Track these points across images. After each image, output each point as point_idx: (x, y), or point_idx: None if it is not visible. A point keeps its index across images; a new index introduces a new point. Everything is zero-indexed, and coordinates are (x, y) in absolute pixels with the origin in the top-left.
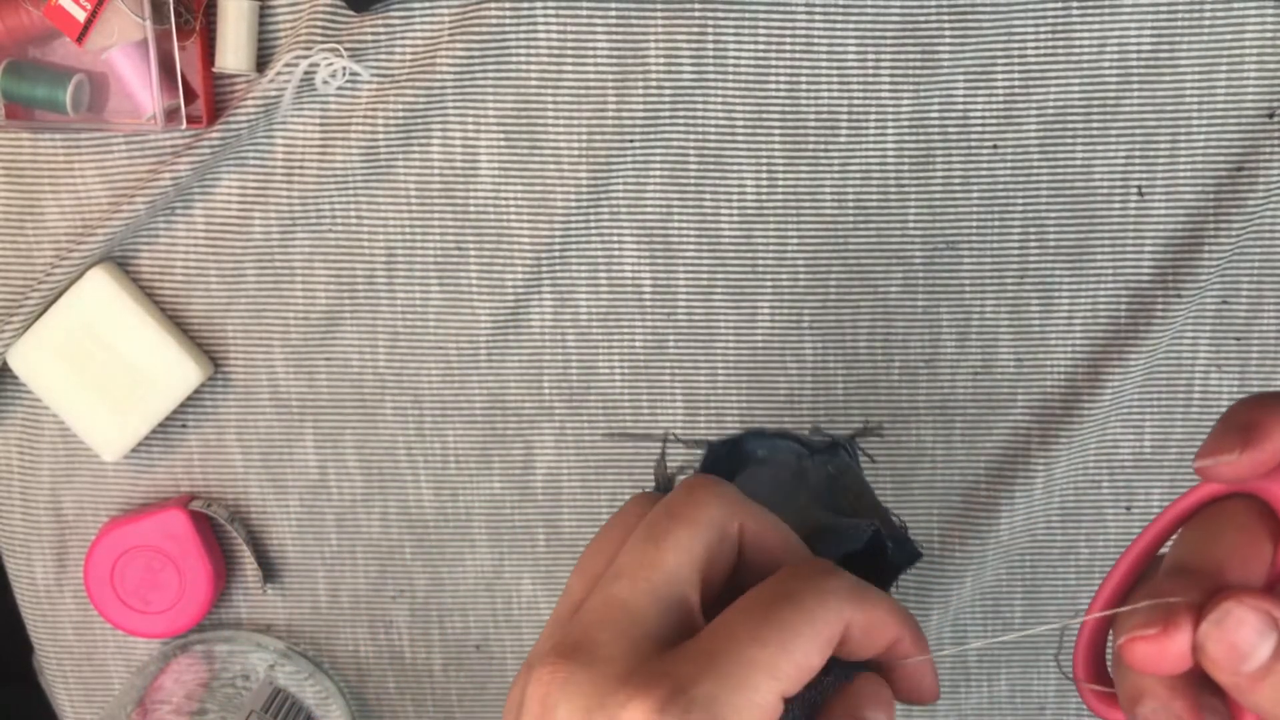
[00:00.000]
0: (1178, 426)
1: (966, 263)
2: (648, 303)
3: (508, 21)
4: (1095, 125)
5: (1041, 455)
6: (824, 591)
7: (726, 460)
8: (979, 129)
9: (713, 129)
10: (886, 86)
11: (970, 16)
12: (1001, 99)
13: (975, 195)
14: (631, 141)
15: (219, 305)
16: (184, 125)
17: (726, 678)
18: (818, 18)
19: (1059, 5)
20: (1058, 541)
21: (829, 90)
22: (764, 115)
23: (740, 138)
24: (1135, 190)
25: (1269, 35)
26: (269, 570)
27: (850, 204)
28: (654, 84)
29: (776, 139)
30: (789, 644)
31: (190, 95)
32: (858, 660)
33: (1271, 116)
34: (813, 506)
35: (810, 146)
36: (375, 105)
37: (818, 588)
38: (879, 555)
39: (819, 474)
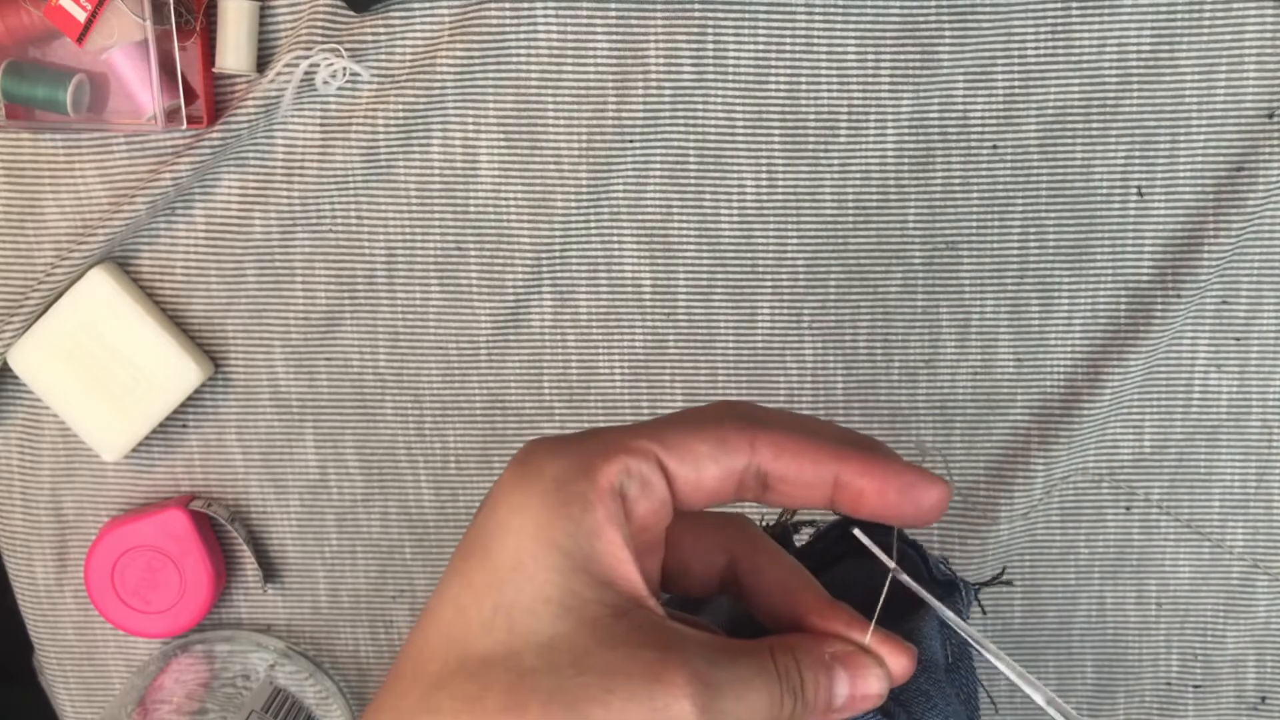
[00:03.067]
0: (1177, 426)
1: (966, 263)
2: (648, 303)
3: (508, 22)
4: (1095, 125)
5: (1041, 455)
6: (725, 405)
7: (841, 541)
8: (979, 129)
9: (713, 129)
10: (886, 87)
11: (970, 17)
12: (1001, 99)
13: (975, 195)
14: (631, 141)
15: (219, 305)
16: (184, 125)
17: (611, 429)
18: (818, 18)
19: (1059, 6)
20: (1057, 541)
21: (829, 90)
22: (764, 115)
23: (740, 138)
24: (1135, 190)
25: (1269, 35)
26: (269, 570)
27: (850, 204)
28: (654, 84)
29: (776, 139)
30: (676, 422)
31: (190, 95)
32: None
33: (1271, 116)
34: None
35: (810, 147)
36: (375, 105)
37: (724, 404)
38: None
39: (927, 611)
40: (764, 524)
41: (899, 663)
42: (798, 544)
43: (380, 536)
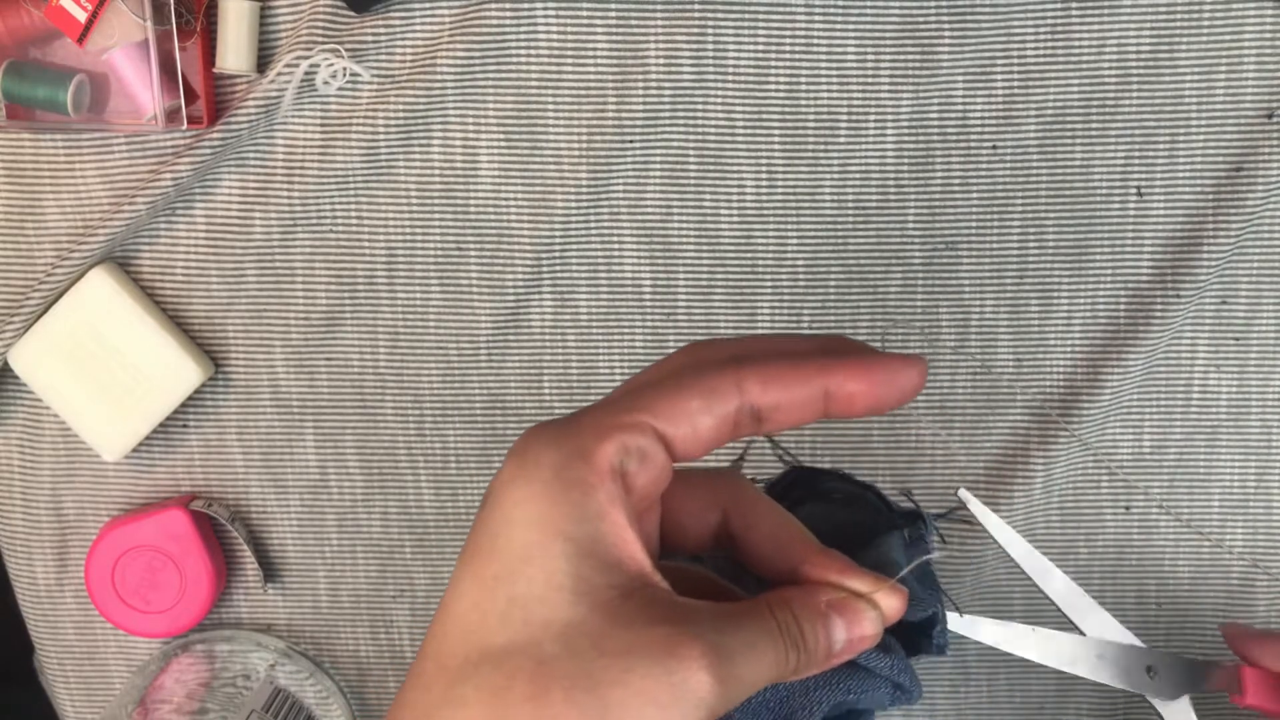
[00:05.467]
0: (1177, 426)
1: (966, 263)
2: (648, 303)
3: (508, 22)
4: (1094, 126)
5: (1041, 455)
6: (706, 349)
7: (800, 486)
8: (978, 129)
9: (713, 129)
10: (886, 87)
11: (970, 17)
12: (1001, 99)
13: (975, 196)
14: (631, 142)
15: (220, 305)
16: (185, 126)
17: (602, 406)
18: (817, 18)
19: (1059, 6)
20: (1057, 541)
21: (828, 91)
22: (764, 115)
23: (740, 138)
24: (1134, 191)
25: (1268, 36)
26: (269, 570)
27: (850, 204)
28: (654, 84)
29: (776, 139)
30: (663, 383)
31: (191, 96)
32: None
33: (1270, 117)
34: (876, 564)
35: (810, 147)
36: (376, 106)
37: (702, 343)
38: (920, 636)
39: (893, 537)
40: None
41: (891, 603)
42: (764, 482)
43: (380, 536)
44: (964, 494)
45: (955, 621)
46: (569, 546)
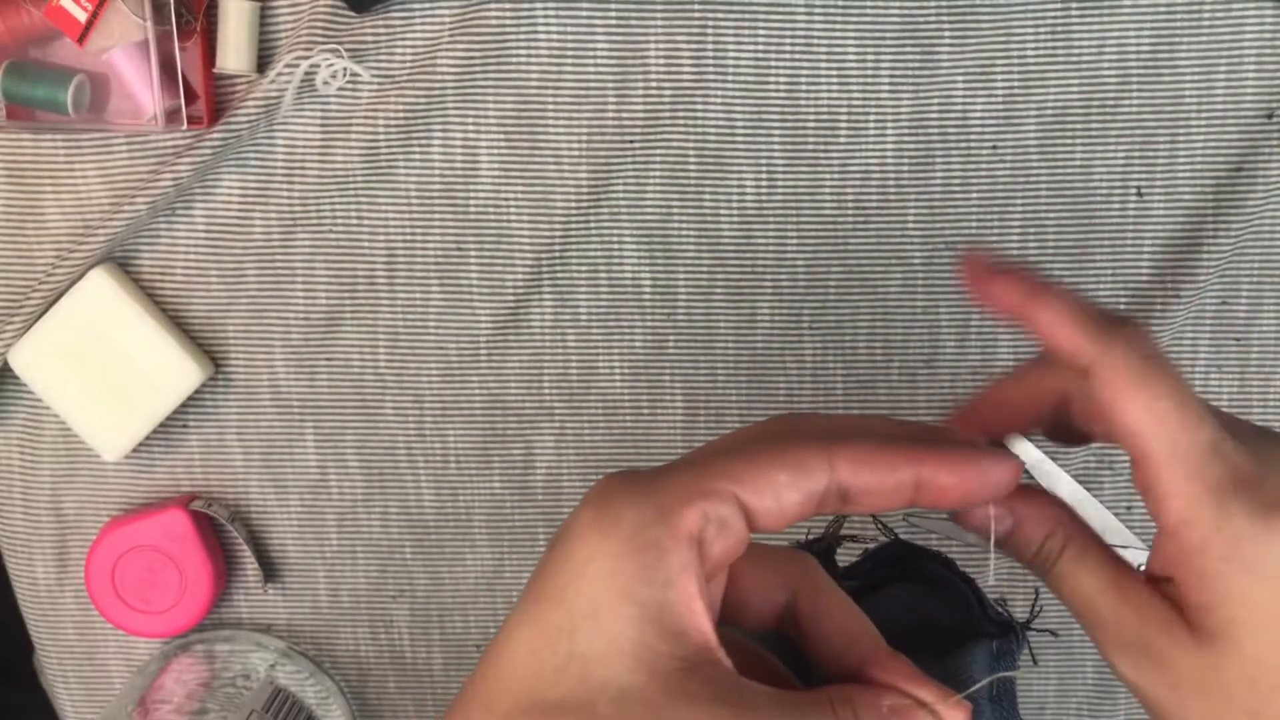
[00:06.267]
0: None
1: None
2: (648, 303)
3: (508, 22)
4: (1094, 126)
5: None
6: (801, 424)
7: (895, 564)
8: (978, 130)
9: (713, 129)
10: (886, 87)
11: (970, 17)
12: (1001, 100)
13: (975, 196)
14: (631, 142)
15: (220, 305)
16: (185, 126)
17: (687, 466)
18: (818, 18)
19: (1059, 6)
20: None
21: (829, 91)
22: (764, 116)
23: (740, 138)
24: (1134, 191)
25: (1268, 36)
26: (269, 570)
27: (850, 205)
28: (654, 84)
29: (776, 139)
30: (754, 453)
31: (191, 96)
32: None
33: (1270, 117)
34: (954, 672)
35: (810, 147)
36: (376, 106)
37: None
38: None
39: (980, 647)
40: (809, 536)
41: (954, 717)
42: (840, 562)
43: (380, 536)
44: (1017, 441)
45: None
46: (636, 610)
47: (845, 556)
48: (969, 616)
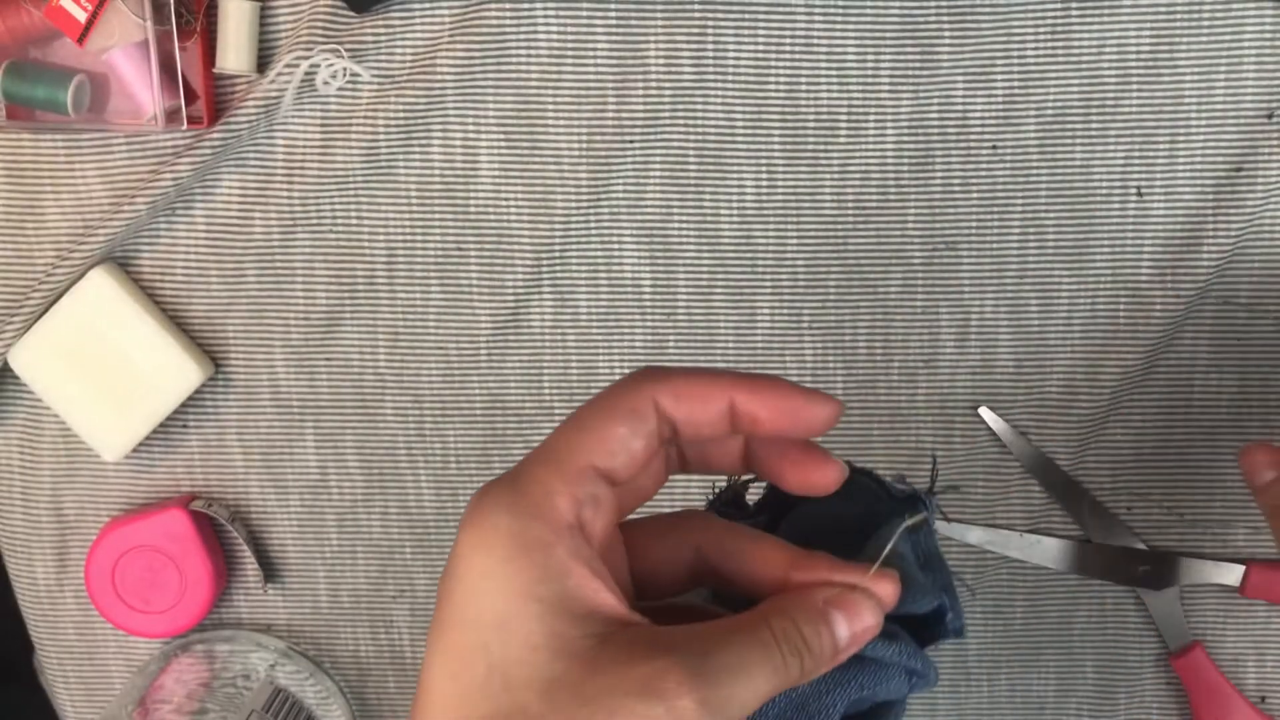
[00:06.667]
0: (1178, 426)
1: (966, 263)
2: (648, 303)
3: (508, 22)
4: (1094, 126)
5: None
6: (624, 380)
7: (784, 500)
8: (978, 129)
9: (713, 129)
10: (886, 87)
11: (970, 17)
12: (1001, 99)
13: (975, 196)
14: (631, 142)
15: (220, 305)
16: (185, 126)
17: (542, 460)
18: (817, 18)
19: (1059, 6)
20: None
21: (829, 91)
22: (764, 115)
23: (740, 138)
24: (1134, 191)
25: (1268, 36)
26: (269, 570)
27: (850, 204)
28: (654, 84)
29: (776, 139)
30: (590, 421)
31: (191, 96)
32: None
33: (1270, 117)
34: (878, 553)
35: (810, 147)
36: (376, 106)
37: (616, 381)
38: (934, 623)
39: (894, 524)
40: (714, 491)
41: (885, 589)
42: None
43: (380, 536)
44: (984, 411)
45: (944, 527)
46: (539, 607)
47: None
48: (876, 504)
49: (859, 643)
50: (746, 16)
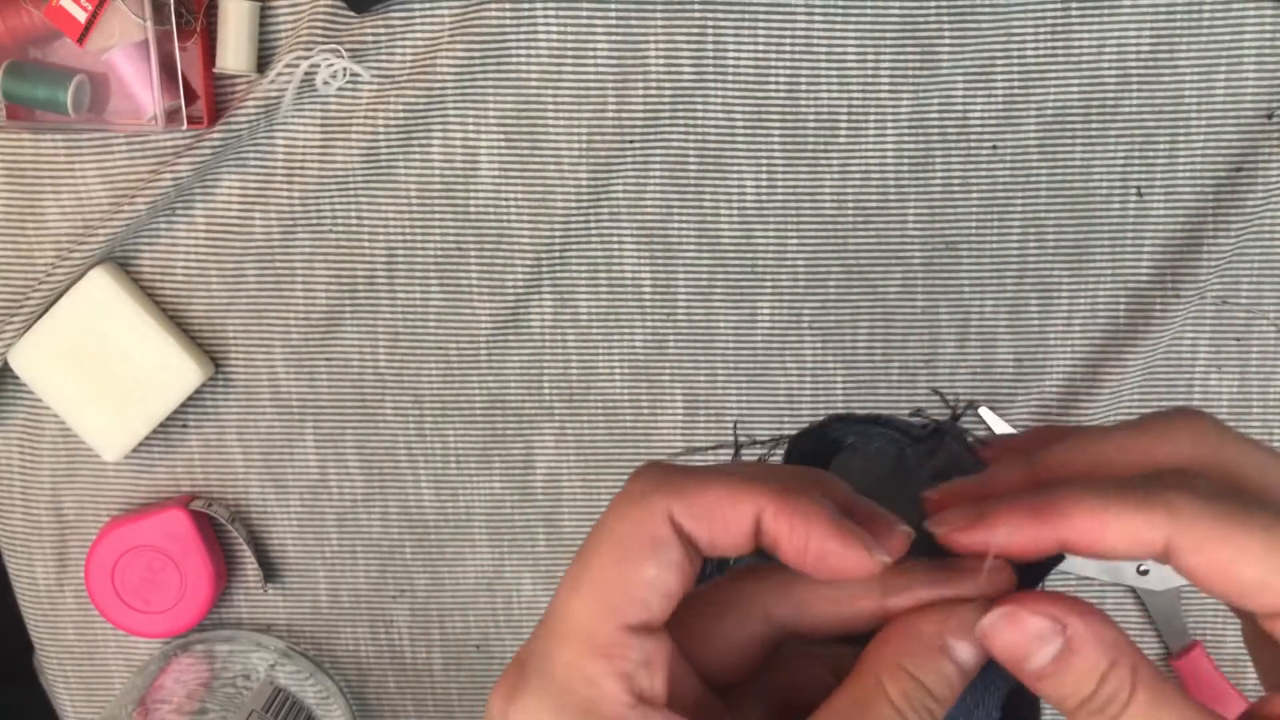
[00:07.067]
0: None
1: (966, 263)
2: (648, 303)
3: (508, 22)
4: (1094, 126)
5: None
6: (623, 496)
7: (813, 455)
8: (978, 129)
9: (713, 129)
10: (886, 87)
11: (970, 17)
12: (1001, 99)
13: (975, 196)
14: (631, 142)
15: (220, 305)
16: (185, 126)
17: (567, 637)
18: (818, 18)
19: (1059, 6)
20: None
21: (829, 91)
22: (764, 116)
23: (740, 138)
24: (1134, 191)
25: (1268, 36)
26: (269, 570)
27: (850, 204)
28: (654, 84)
29: (776, 139)
30: (609, 570)
31: (191, 96)
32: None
33: (1270, 117)
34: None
35: (810, 147)
36: (376, 106)
37: (620, 496)
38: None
39: (923, 467)
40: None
41: (995, 580)
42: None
43: (380, 536)
44: (984, 411)
45: None
46: None
47: None
48: (898, 441)
49: (988, 654)
50: (746, 16)
